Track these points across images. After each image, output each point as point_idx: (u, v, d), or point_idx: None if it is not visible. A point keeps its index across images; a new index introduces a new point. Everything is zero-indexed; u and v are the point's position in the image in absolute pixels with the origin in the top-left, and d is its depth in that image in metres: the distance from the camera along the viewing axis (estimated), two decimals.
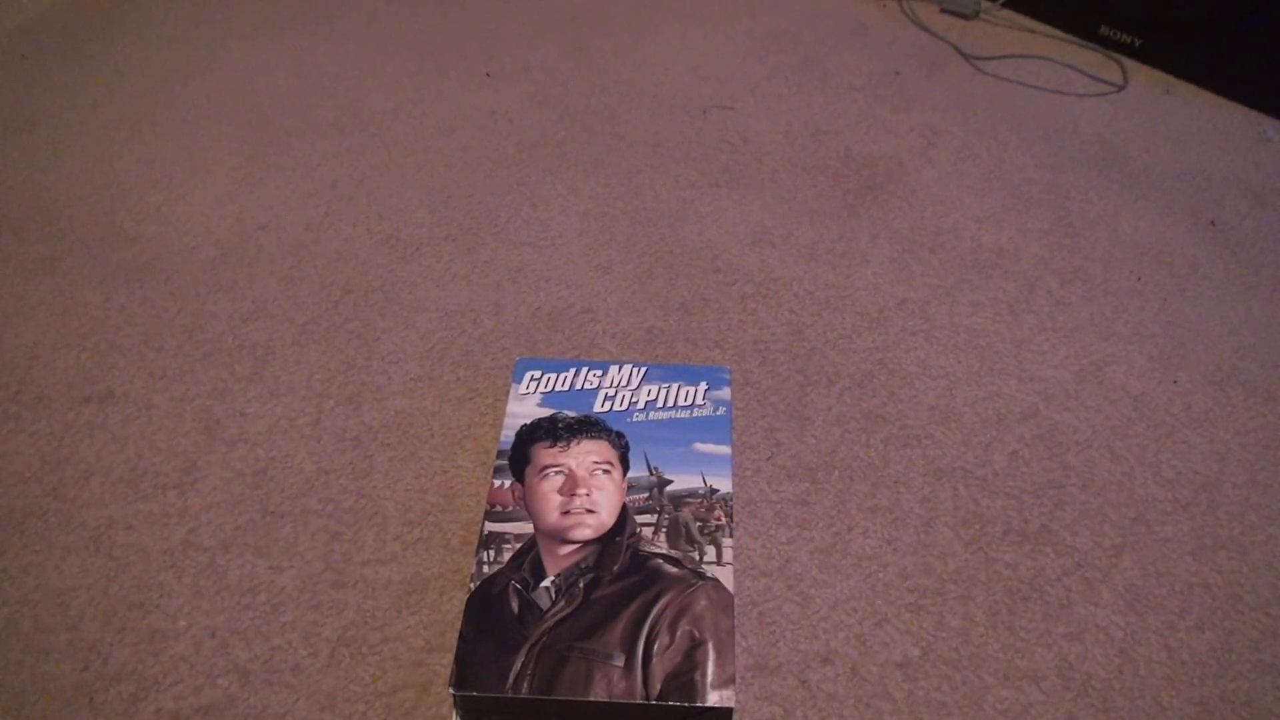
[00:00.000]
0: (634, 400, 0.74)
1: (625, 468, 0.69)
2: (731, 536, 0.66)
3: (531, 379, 0.76)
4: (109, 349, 0.88)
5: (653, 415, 0.73)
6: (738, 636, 0.68)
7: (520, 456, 0.70)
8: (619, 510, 0.66)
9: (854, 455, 0.80)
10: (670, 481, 0.69)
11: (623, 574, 0.63)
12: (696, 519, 0.66)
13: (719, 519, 0.66)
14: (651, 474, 0.69)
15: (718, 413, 0.74)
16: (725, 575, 0.63)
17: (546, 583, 0.62)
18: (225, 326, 0.90)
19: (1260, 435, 0.83)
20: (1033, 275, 0.98)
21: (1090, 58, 1.32)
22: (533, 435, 0.71)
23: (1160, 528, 0.76)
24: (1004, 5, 1.41)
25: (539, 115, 1.19)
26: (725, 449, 0.71)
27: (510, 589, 0.62)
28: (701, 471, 0.69)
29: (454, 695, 0.58)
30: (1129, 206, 1.07)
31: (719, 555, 0.64)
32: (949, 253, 1.00)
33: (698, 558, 0.64)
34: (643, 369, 0.76)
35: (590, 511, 0.66)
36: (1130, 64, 1.30)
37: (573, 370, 0.76)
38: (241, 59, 1.28)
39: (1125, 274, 0.98)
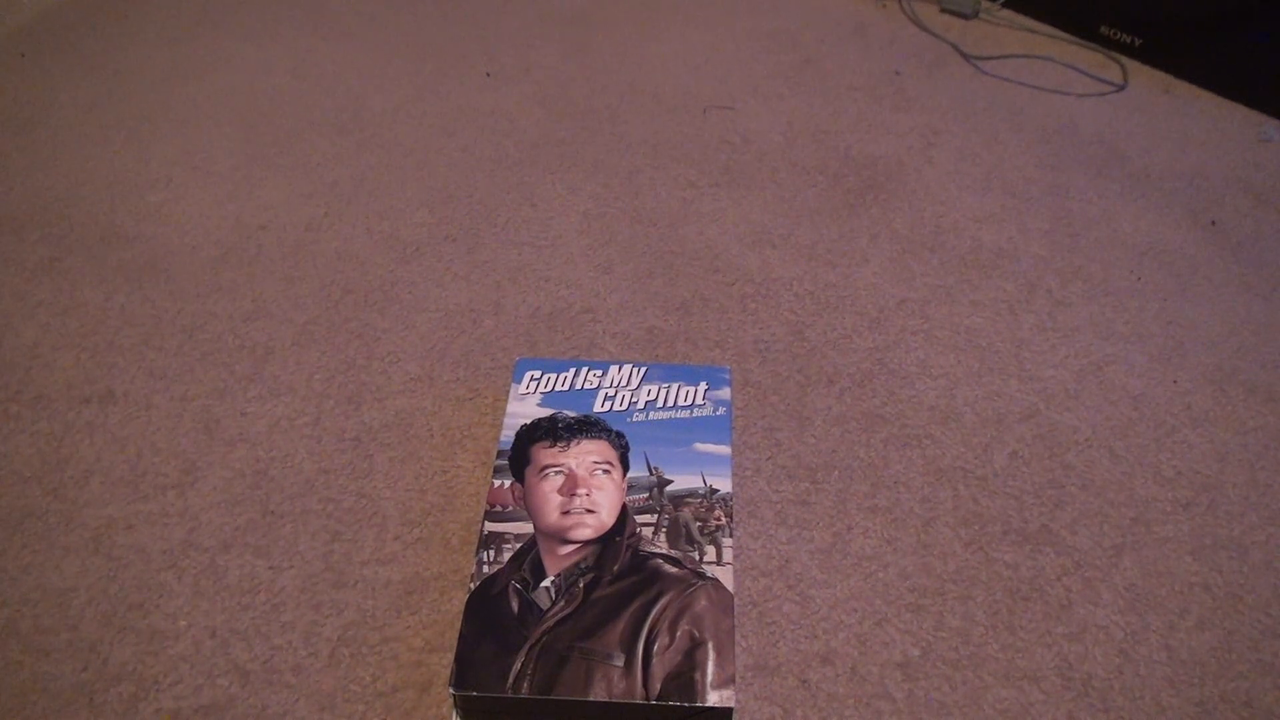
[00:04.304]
0: (634, 400, 0.74)
1: (625, 468, 0.69)
2: (731, 536, 0.66)
3: (531, 379, 0.76)
4: (109, 349, 0.88)
5: (653, 415, 0.73)
6: (738, 636, 0.68)
7: (520, 456, 0.70)
8: (619, 510, 0.66)
9: (854, 455, 0.80)
10: (670, 481, 0.69)
11: (623, 574, 0.63)
12: (696, 519, 0.66)
13: (719, 519, 0.66)
14: (651, 474, 0.69)
15: (718, 413, 0.74)
16: (725, 575, 0.63)
17: (546, 583, 0.62)
18: (225, 326, 0.90)
19: (1260, 435, 0.83)
20: (1033, 275, 0.98)
21: (1090, 58, 1.32)
22: (533, 435, 0.71)
23: (1160, 528, 0.76)
24: (1004, 5, 1.41)
25: (539, 115, 1.19)
26: (725, 449, 0.71)
27: (510, 589, 0.62)
28: (701, 471, 0.69)
29: (454, 695, 0.58)
30: (1129, 206, 1.07)
31: (719, 555, 0.64)
32: (949, 253, 1.00)
33: (698, 558, 0.64)
34: (643, 369, 0.76)
35: (590, 511, 0.66)
36: (1130, 64, 1.30)
37: (573, 370, 0.76)
38: (241, 59, 1.28)
39: (1125, 274, 0.98)
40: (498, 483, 0.68)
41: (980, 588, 0.71)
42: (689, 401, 0.74)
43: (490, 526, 0.66)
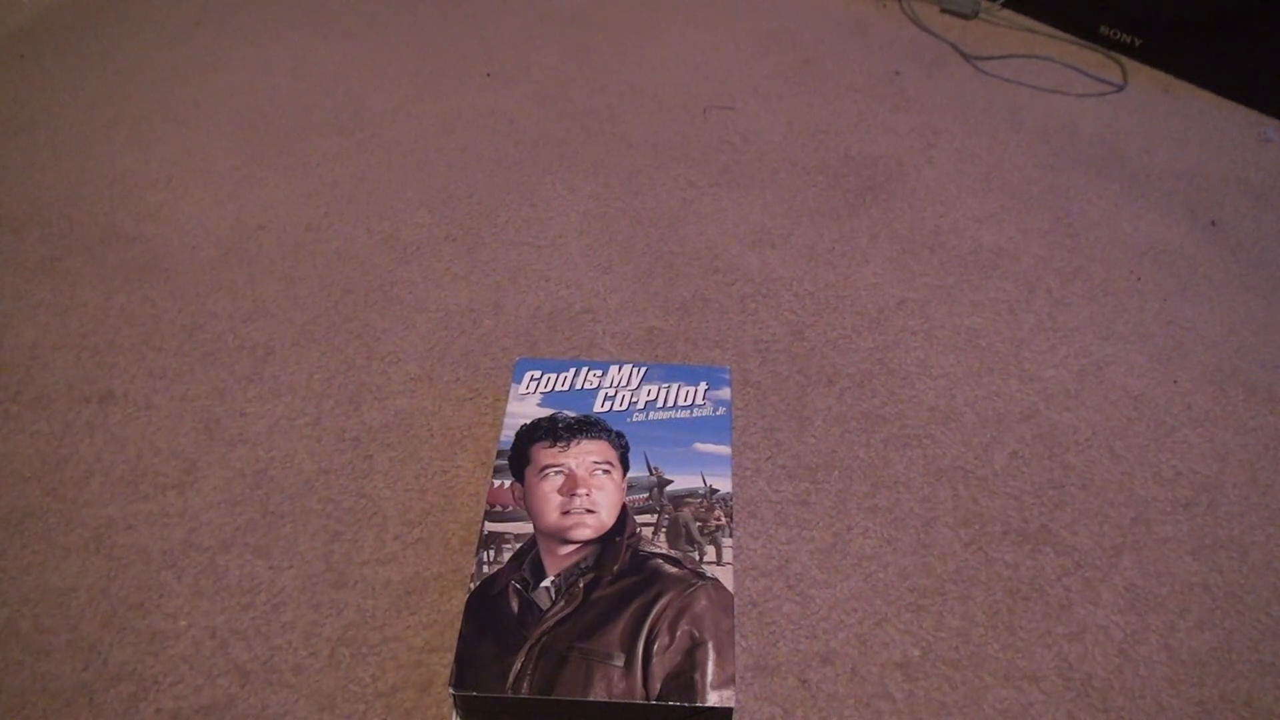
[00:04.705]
0: (634, 400, 0.74)
1: (625, 468, 0.69)
2: (731, 536, 0.66)
3: (531, 379, 0.76)
4: (109, 349, 0.88)
5: (653, 415, 0.73)
6: (738, 636, 0.68)
7: (520, 456, 0.70)
8: (619, 510, 0.66)
9: (854, 455, 0.80)
10: (670, 481, 0.69)
11: (623, 574, 0.63)
12: (696, 519, 0.66)
13: (719, 519, 0.66)
14: (651, 474, 0.69)
15: (718, 413, 0.74)
16: (725, 575, 0.63)
17: (546, 583, 0.62)
18: (225, 326, 0.90)
19: (1260, 435, 0.83)
20: (1033, 275, 0.98)
21: (1090, 58, 1.32)
22: (533, 435, 0.71)
23: (1160, 528, 0.76)
24: (1004, 5, 1.41)
25: (539, 115, 1.19)
26: (725, 449, 0.71)
27: (510, 589, 0.62)
28: (701, 471, 0.69)
29: (454, 695, 0.58)
30: (1129, 206, 1.07)
31: (719, 555, 0.64)
32: (949, 253, 1.00)
33: (698, 558, 0.64)
34: (643, 369, 0.76)
35: (590, 511, 0.66)
36: (1130, 64, 1.30)
37: (573, 370, 0.76)
38: (241, 59, 1.28)
39: (1125, 274, 0.98)
40: (498, 483, 0.68)
41: (980, 588, 0.71)
42: (689, 401, 0.74)
43: (490, 526, 0.66)
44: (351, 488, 0.77)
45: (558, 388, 0.75)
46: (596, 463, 0.69)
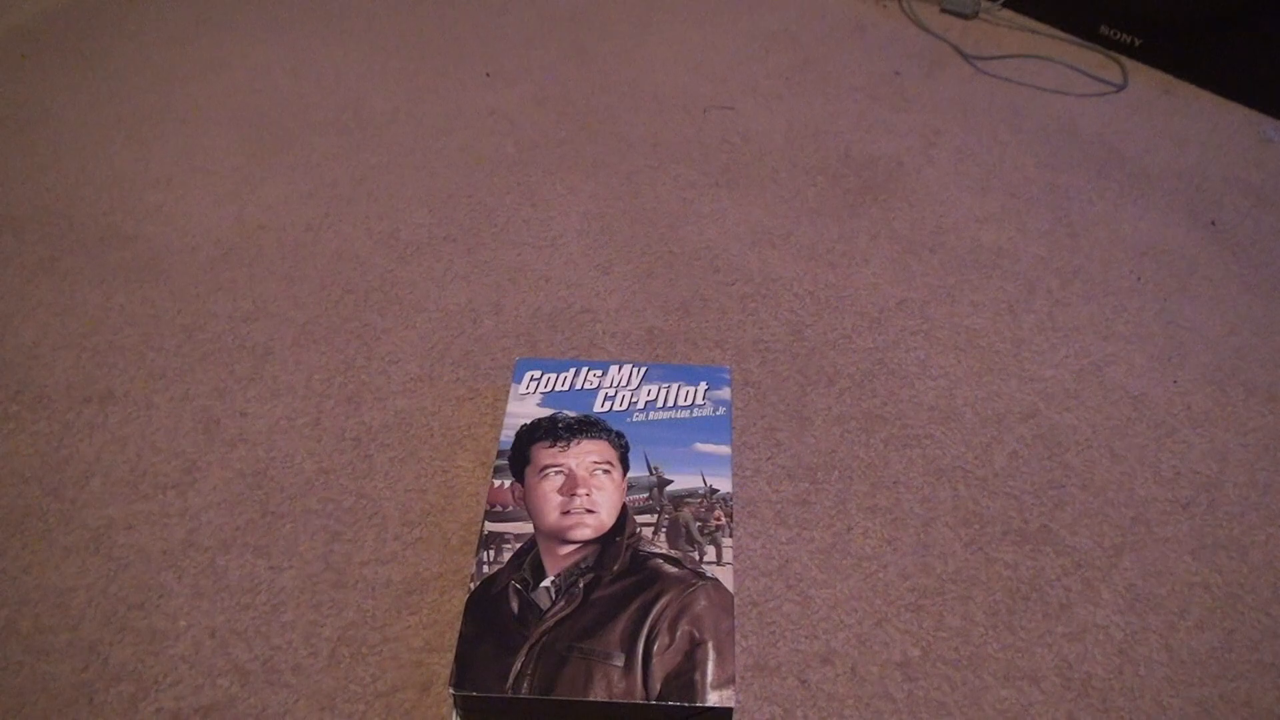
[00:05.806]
0: (634, 400, 0.74)
1: (625, 468, 0.69)
2: (731, 536, 0.66)
3: (531, 379, 0.76)
4: (109, 349, 0.88)
5: (653, 415, 0.73)
6: (738, 636, 0.68)
7: (520, 456, 0.70)
8: (619, 510, 0.66)
9: (854, 455, 0.80)
10: (670, 481, 0.69)
11: (623, 574, 0.63)
12: (696, 519, 0.66)
13: (719, 519, 0.66)
14: (651, 474, 0.69)
15: (718, 413, 0.74)
16: (725, 575, 0.63)
17: (546, 583, 0.62)
18: (225, 326, 0.90)
19: (1260, 435, 0.83)
20: (1033, 275, 0.98)
21: (1090, 58, 1.32)
22: (533, 435, 0.71)
23: (1160, 528, 0.76)
24: (1004, 5, 1.41)
25: (539, 115, 1.19)
26: (725, 449, 0.71)
27: (510, 589, 0.62)
28: (701, 471, 0.69)
29: (454, 695, 0.58)
30: (1129, 206, 1.07)
31: (719, 555, 0.64)
32: (949, 253, 1.00)
33: (698, 558, 0.64)
34: (643, 369, 0.76)
35: (590, 511, 0.66)
36: (1130, 64, 1.30)
37: (573, 370, 0.76)
38: (241, 59, 1.28)
39: (1125, 274, 0.98)
40: (498, 483, 0.68)
41: (980, 588, 0.71)
42: (689, 401, 0.74)
43: (490, 526, 0.66)
44: (351, 488, 0.77)
45: (558, 388, 0.75)
46: (596, 463, 0.69)
